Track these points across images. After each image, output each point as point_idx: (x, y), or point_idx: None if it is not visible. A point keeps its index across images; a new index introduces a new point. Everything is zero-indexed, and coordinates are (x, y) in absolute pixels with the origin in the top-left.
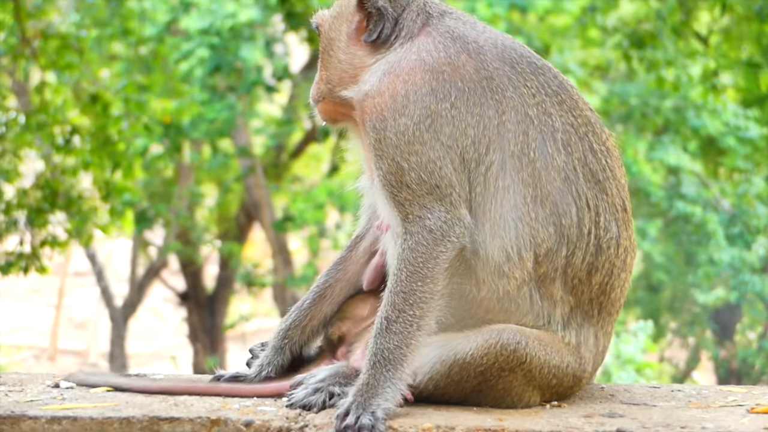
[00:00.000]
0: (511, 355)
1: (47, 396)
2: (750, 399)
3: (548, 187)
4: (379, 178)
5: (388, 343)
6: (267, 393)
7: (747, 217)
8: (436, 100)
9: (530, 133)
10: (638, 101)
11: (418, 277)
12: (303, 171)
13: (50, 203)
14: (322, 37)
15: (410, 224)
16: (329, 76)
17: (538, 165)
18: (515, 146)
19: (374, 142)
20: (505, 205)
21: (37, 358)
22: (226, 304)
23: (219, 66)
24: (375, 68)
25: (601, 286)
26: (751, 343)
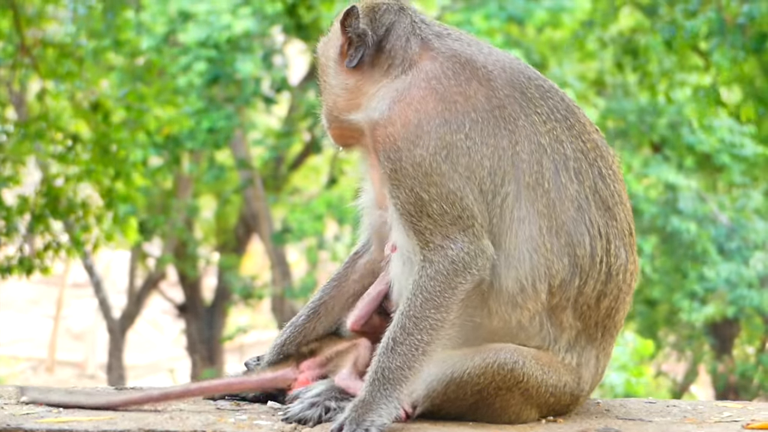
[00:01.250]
0: (509, 374)
1: (43, 409)
2: (745, 415)
3: (562, 217)
4: (395, 206)
5: (391, 363)
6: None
7: (745, 232)
8: (450, 131)
9: (544, 162)
10: (634, 118)
11: (432, 304)
12: (302, 183)
13: (51, 210)
14: (319, 62)
15: (430, 252)
16: (326, 101)
17: (552, 195)
18: (530, 177)
19: (390, 172)
20: (520, 236)
21: (35, 370)
22: (224, 316)
23: (217, 77)
24: (380, 95)
25: (608, 310)
26: (749, 358)
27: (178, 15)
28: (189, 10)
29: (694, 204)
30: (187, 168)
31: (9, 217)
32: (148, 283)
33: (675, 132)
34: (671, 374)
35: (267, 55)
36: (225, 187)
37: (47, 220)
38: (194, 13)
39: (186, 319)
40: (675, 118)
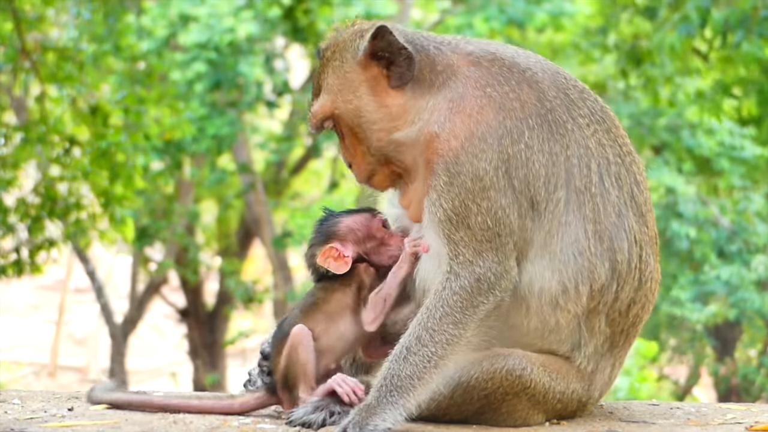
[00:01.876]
0: (516, 380)
1: (47, 414)
2: (749, 417)
3: (605, 223)
4: (435, 213)
5: (401, 371)
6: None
7: (746, 235)
8: (512, 141)
9: (591, 167)
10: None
11: (452, 320)
12: (303, 187)
13: (48, 211)
14: (343, 122)
15: (459, 266)
16: (372, 144)
17: (597, 200)
18: (579, 181)
19: (443, 184)
20: (566, 239)
21: (37, 375)
22: (226, 321)
23: (219, 82)
24: (432, 106)
25: (635, 318)
26: (751, 360)
27: (178, 18)
28: (190, 14)
29: (694, 207)
30: (189, 173)
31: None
32: (149, 287)
33: (675, 135)
34: (673, 377)
35: (268, 59)
36: (226, 191)
37: (44, 221)
38: (195, 17)
39: (188, 324)
40: (675, 121)
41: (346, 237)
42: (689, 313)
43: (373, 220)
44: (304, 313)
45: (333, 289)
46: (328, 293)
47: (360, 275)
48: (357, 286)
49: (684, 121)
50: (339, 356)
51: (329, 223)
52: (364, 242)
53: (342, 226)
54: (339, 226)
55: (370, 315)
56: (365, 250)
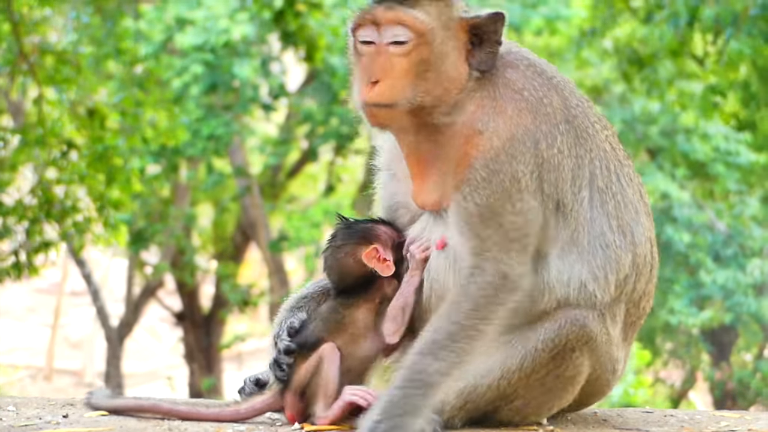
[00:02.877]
0: (580, 330)
1: (41, 420)
2: (742, 424)
3: (626, 218)
4: (465, 206)
5: (429, 366)
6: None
7: (742, 239)
8: (547, 146)
9: (610, 167)
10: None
11: (479, 315)
12: (299, 190)
13: (45, 213)
14: (426, 44)
15: (484, 261)
16: (430, 89)
17: (618, 198)
18: (601, 182)
19: (480, 179)
20: (592, 233)
21: (33, 378)
22: (222, 324)
23: (215, 84)
24: (477, 101)
25: (642, 311)
26: (746, 365)
27: (175, 22)
28: (186, 17)
29: (690, 212)
30: (185, 176)
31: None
32: (145, 291)
33: (669, 139)
34: (669, 381)
35: (264, 62)
36: (222, 195)
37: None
38: (192, 20)
39: (184, 327)
40: (669, 127)
41: (387, 242)
42: (685, 318)
43: (396, 232)
44: (329, 331)
45: (357, 305)
46: (352, 311)
47: (383, 288)
48: (380, 300)
49: (679, 126)
50: (359, 376)
51: (366, 226)
52: (398, 248)
53: (381, 231)
54: (378, 230)
55: (391, 327)
56: (398, 255)
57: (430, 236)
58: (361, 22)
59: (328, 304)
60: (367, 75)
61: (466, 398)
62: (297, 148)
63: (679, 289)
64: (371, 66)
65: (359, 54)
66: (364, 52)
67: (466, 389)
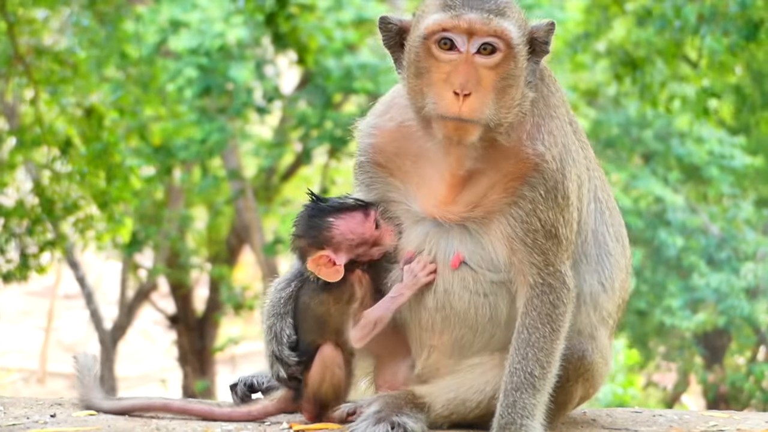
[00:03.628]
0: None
1: (29, 420)
2: (731, 424)
3: (617, 225)
4: (526, 221)
5: (534, 398)
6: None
7: (735, 243)
8: (581, 161)
9: (602, 176)
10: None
11: (557, 335)
12: (293, 193)
13: (47, 212)
14: (513, 58)
15: (550, 277)
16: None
17: (610, 205)
18: (601, 192)
19: (541, 198)
20: (597, 243)
21: (26, 381)
22: (215, 327)
23: (209, 87)
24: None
25: (624, 311)
26: (739, 368)
27: (169, 24)
28: (181, 19)
29: (683, 215)
30: (179, 178)
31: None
32: (139, 294)
33: (664, 143)
34: (662, 384)
35: (259, 65)
36: (216, 197)
37: (44, 223)
38: (186, 22)
39: (177, 330)
40: (664, 130)
41: (341, 245)
42: (679, 321)
43: (367, 223)
44: (316, 332)
45: (327, 302)
46: (327, 307)
47: (353, 286)
48: (348, 298)
49: (674, 130)
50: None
51: (323, 226)
52: (356, 248)
53: (337, 233)
54: (333, 232)
55: (357, 334)
56: (357, 253)
57: (435, 250)
58: (448, 27)
59: (303, 302)
60: (456, 86)
61: (452, 410)
62: (291, 151)
63: (673, 290)
64: (461, 76)
65: (436, 59)
66: (446, 60)
67: (453, 402)
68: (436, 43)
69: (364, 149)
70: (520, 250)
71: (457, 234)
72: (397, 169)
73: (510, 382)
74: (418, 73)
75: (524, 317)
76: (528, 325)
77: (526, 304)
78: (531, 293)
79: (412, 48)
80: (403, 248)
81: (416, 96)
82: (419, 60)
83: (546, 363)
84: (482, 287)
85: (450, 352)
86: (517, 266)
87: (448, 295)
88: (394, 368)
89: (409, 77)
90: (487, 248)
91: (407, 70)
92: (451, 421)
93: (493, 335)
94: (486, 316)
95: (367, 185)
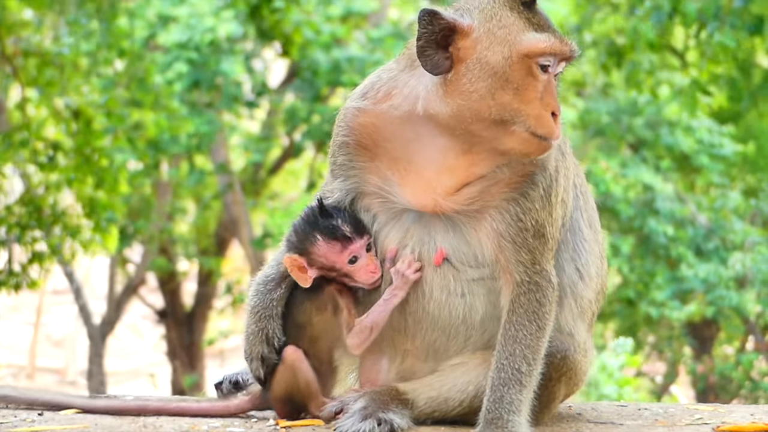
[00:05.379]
0: (561, 362)
1: (16, 418)
2: (716, 417)
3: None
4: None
5: (521, 395)
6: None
7: (723, 232)
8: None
9: (577, 162)
10: (610, 119)
11: (543, 333)
12: (281, 187)
13: (36, 219)
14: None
15: (537, 275)
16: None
17: (585, 191)
18: (576, 178)
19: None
20: (573, 230)
21: (15, 377)
22: (204, 321)
23: (198, 81)
24: None
25: (600, 306)
26: (728, 358)
27: (158, 19)
28: (170, 14)
29: (672, 205)
30: (167, 172)
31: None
32: (127, 289)
33: (654, 132)
34: (651, 375)
35: (247, 59)
36: (204, 192)
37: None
38: (175, 17)
39: (166, 325)
40: (654, 119)
41: (315, 261)
42: (668, 311)
43: (341, 255)
44: (295, 337)
45: (311, 310)
46: (310, 316)
47: (334, 298)
48: (332, 308)
49: (663, 119)
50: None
51: (308, 238)
52: (327, 270)
53: (314, 250)
54: (313, 248)
55: (354, 340)
56: (328, 274)
57: (420, 247)
58: (556, 52)
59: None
60: (555, 108)
61: (435, 408)
62: (278, 145)
63: (661, 281)
64: (556, 99)
65: (534, 78)
66: (541, 80)
67: (436, 400)
68: (537, 64)
69: (351, 128)
70: (507, 248)
71: (440, 228)
72: (384, 154)
73: (497, 377)
74: (506, 86)
75: (511, 314)
76: (515, 322)
77: (513, 302)
78: (517, 291)
79: (504, 60)
80: (385, 245)
81: (499, 108)
82: (512, 74)
83: (532, 360)
84: (461, 286)
85: (425, 357)
86: (503, 264)
87: (423, 297)
88: (377, 366)
89: (485, 86)
90: (471, 244)
91: (484, 79)
92: (433, 418)
93: (469, 337)
94: (459, 318)
95: (345, 171)
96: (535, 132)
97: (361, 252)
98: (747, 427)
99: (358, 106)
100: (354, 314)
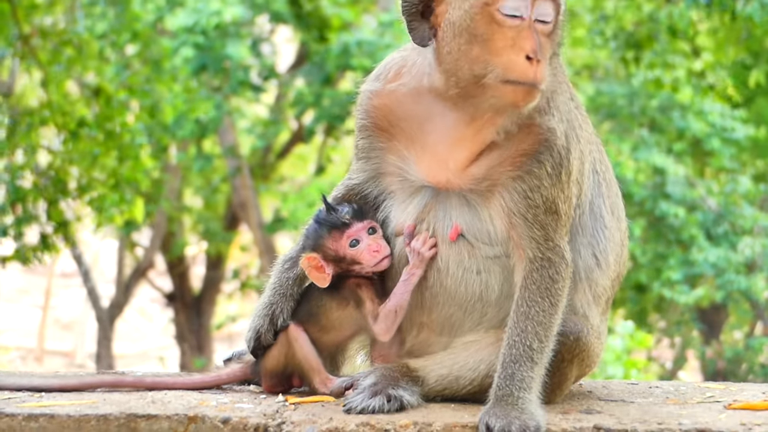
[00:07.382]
0: (574, 344)
1: (25, 393)
2: (728, 395)
3: (613, 197)
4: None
5: (532, 372)
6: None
7: (733, 217)
8: (584, 138)
9: (600, 148)
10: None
11: (555, 309)
12: (290, 171)
13: (61, 192)
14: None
15: (550, 251)
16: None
17: (607, 177)
18: (599, 165)
19: (546, 174)
20: (593, 216)
21: (24, 359)
22: (213, 305)
23: (205, 65)
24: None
25: (618, 287)
26: (737, 342)
27: (166, 2)
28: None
29: (682, 189)
30: (175, 156)
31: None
32: (136, 272)
33: (665, 116)
34: (660, 359)
35: (255, 43)
36: (213, 175)
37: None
38: (182, 1)
39: (174, 308)
40: (666, 103)
41: (327, 255)
42: (678, 296)
43: (340, 241)
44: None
45: (330, 306)
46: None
47: (355, 292)
48: (354, 302)
49: (674, 103)
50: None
51: (319, 233)
52: (338, 262)
53: (324, 242)
54: (323, 240)
55: (381, 326)
56: (341, 267)
57: (434, 223)
58: None
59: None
60: (529, 51)
61: (446, 386)
62: (287, 129)
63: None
64: (531, 42)
65: (499, 25)
66: (510, 26)
67: (447, 378)
68: (499, 11)
69: (367, 112)
70: (519, 225)
71: (456, 204)
72: (401, 133)
73: (509, 354)
74: (473, 40)
75: (523, 291)
76: (527, 298)
77: (526, 278)
78: (530, 267)
79: (465, 14)
80: (403, 222)
81: (470, 63)
82: (476, 26)
83: (544, 337)
84: (476, 263)
85: (440, 330)
86: (516, 240)
87: (439, 272)
88: (389, 342)
89: (456, 45)
90: (484, 221)
91: (454, 39)
92: (443, 395)
93: (485, 314)
94: (476, 294)
95: (366, 153)
96: (507, 79)
97: (361, 235)
98: (759, 405)
99: (372, 89)
100: (377, 303)
